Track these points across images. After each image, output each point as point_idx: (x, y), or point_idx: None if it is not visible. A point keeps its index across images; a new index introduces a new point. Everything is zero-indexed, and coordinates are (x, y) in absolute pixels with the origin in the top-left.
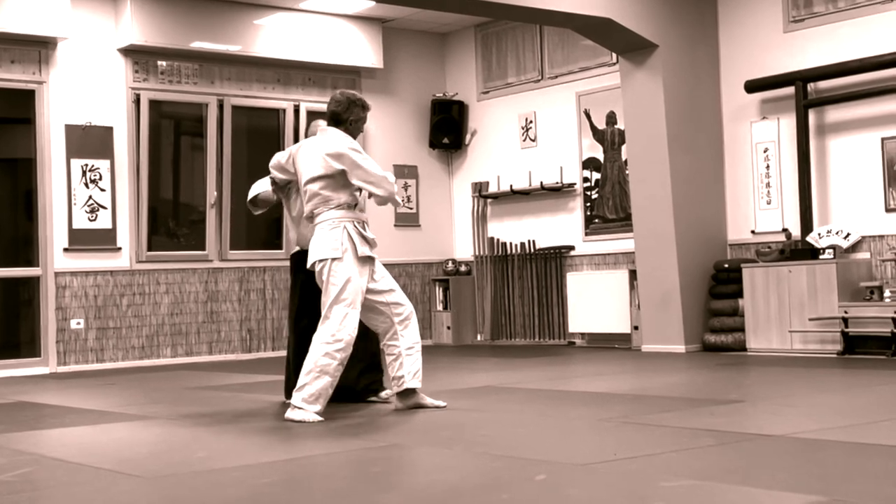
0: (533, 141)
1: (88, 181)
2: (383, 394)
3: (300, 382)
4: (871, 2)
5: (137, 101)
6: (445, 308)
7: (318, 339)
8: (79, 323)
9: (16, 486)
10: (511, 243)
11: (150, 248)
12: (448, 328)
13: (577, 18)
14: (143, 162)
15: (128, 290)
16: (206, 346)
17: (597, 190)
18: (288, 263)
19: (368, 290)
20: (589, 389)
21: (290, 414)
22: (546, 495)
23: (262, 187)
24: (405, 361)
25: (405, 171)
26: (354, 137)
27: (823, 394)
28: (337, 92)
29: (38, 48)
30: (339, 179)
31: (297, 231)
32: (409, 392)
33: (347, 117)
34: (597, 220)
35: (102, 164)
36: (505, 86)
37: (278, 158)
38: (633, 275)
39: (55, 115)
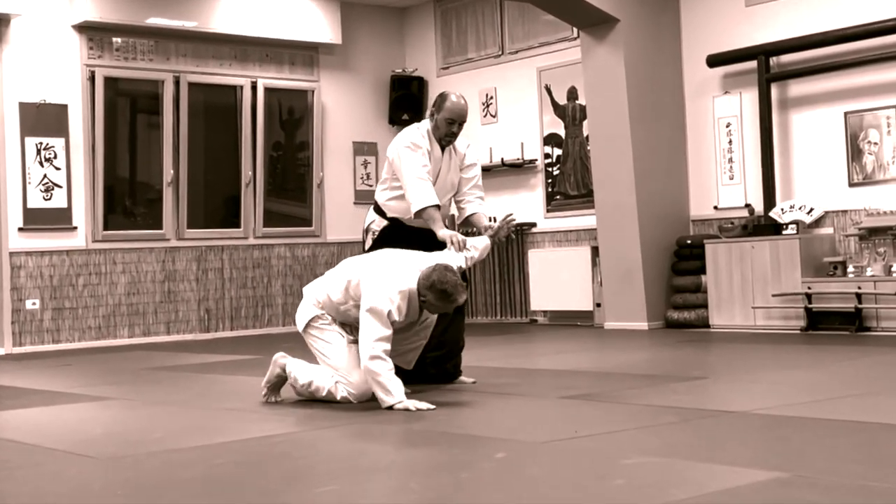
0: (493, 117)
1: (43, 160)
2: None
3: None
4: None
5: (92, 78)
6: None
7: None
8: (34, 303)
9: None
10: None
11: (106, 228)
12: None
13: None
14: (98, 140)
15: (84, 270)
16: (163, 326)
17: (558, 166)
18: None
19: None
20: (551, 367)
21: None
22: (506, 474)
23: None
24: None
25: (364, 148)
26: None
27: (787, 370)
28: (437, 272)
29: None
30: None
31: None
32: None
33: (421, 293)
34: (558, 197)
35: (57, 143)
36: (465, 61)
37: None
38: (595, 251)
39: (8, 93)
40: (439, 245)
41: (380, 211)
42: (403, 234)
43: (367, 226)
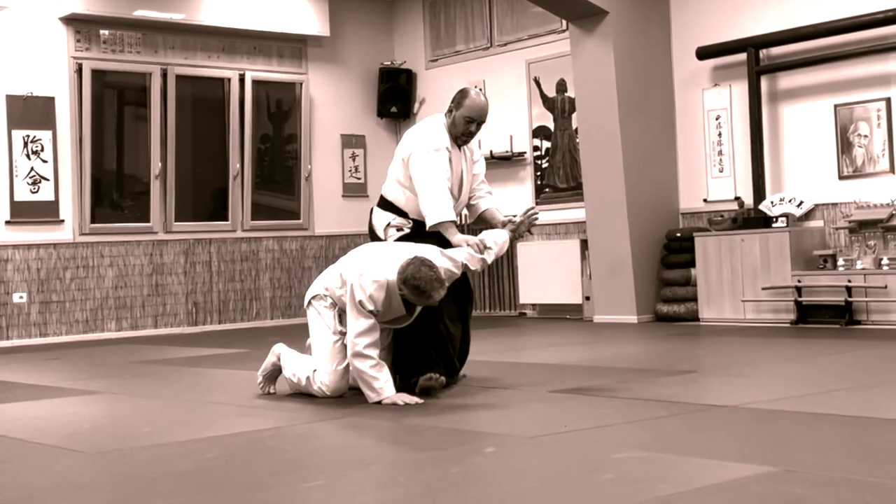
0: None
1: (30, 152)
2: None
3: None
4: None
5: (80, 70)
6: None
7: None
8: (21, 297)
9: None
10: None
11: (93, 221)
12: None
13: None
14: (85, 133)
15: (71, 263)
16: (151, 320)
17: (547, 159)
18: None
19: None
20: (540, 361)
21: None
22: (495, 468)
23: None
24: None
25: (353, 141)
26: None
27: (776, 364)
28: (412, 266)
29: None
30: None
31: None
32: None
33: (399, 286)
34: (547, 190)
35: (44, 135)
36: (454, 53)
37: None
38: (584, 244)
39: None
40: None
41: (392, 208)
42: (432, 231)
43: (386, 224)
